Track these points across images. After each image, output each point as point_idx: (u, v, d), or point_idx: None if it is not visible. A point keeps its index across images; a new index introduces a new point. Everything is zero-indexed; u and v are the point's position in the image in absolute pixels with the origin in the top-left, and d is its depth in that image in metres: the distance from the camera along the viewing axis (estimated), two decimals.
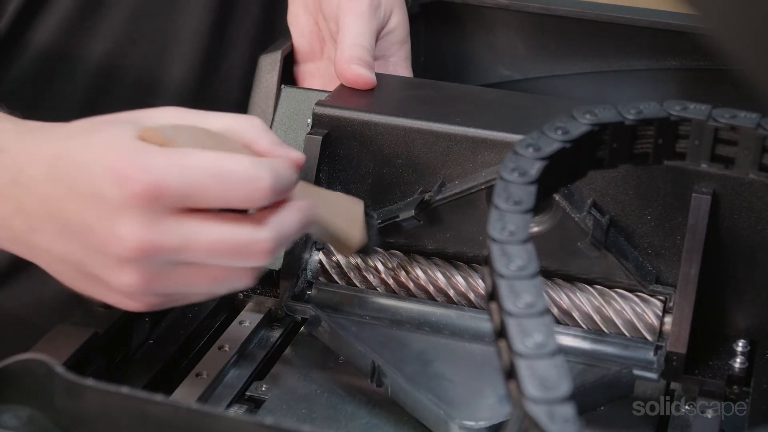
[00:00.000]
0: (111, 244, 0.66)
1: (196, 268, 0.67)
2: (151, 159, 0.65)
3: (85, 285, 0.70)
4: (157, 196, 0.65)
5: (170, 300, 0.70)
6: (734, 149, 0.69)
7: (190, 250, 0.66)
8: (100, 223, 0.66)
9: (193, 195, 0.65)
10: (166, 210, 0.65)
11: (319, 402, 0.77)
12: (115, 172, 0.65)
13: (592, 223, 0.78)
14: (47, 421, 0.59)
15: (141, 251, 0.65)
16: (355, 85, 0.88)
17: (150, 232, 0.65)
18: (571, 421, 0.51)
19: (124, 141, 0.66)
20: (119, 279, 0.67)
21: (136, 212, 0.65)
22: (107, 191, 0.65)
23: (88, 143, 0.67)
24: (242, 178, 0.66)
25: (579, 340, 0.80)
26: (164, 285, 0.68)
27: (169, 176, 0.65)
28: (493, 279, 0.58)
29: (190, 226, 0.66)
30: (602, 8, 1.02)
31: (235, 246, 0.66)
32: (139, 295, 0.68)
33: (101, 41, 0.97)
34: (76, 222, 0.66)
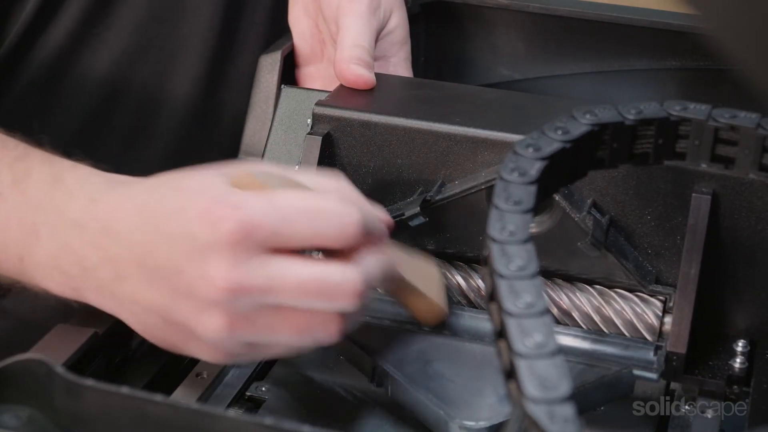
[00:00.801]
0: (200, 285, 0.65)
1: (283, 312, 0.66)
2: (241, 198, 0.65)
3: (169, 335, 0.69)
4: (248, 235, 0.64)
5: (253, 351, 0.68)
6: (734, 149, 0.69)
7: (278, 290, 0.65)
8: (189, 264, 0.65)
9: (283, 232, 0.65)
10: (256, 249, 0.64)
11: (319, 402, 0.77)
12: (206, 212, 0.65)
13: (592, 223, 0.78)
14: (47, 421, 0.59)
15: (230, 292, 0.64)
16: (354, 86, 0.88)
17: (239, 271, 0.64)
18: (571, 421, 0.51)
19: (215, 185, 0.66)
20: (205, 324, 0.66)
21: (226, 252, 0.64)
22: (198, 232, 0.65)
23: (178, 189, 0.67)
24: (332, 214, 0.66)
25: (579, 340, 0.80)
26: (249, 331, 0.66)
27: (260, 214, 0.64)
28: (493, 279, 0.58)
29: (279, 265, 0.65)
30: (602, 8, 1.02)
31: (324, 286, 0.65)
32: (224, 342, 0.66)
33: (108, 51, 0.97)
34: (164, 266, 0.66)
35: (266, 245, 0.65)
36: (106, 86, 0.98)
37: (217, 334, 0.66)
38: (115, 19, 0.97)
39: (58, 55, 0.96)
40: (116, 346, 0.77)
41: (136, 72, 0.99)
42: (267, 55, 0.96)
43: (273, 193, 0.66)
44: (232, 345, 0.67)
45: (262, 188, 0.67)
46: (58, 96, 0.97)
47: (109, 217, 0.68)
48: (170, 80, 1.01)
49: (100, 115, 0.99)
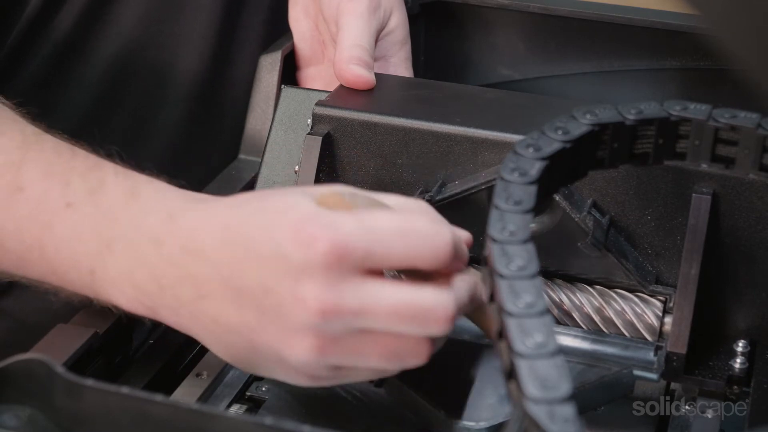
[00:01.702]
0: (291, 307, 0.63)
1: (373, 337, 0.64)
2: (334, 218, 0.63)
3: (252, 357, 0.67)
4: (343, 256, 0.62)
5: (340, 375, 0.66)
6: (734, 149, 0.69)
7: (371, 313, 0.63)
8: (280, 285, 0.63)
9: (377, 253, 0.63)
10: (350, 271, 0.63)
11: (319, 402, 0.76)
12: (298, 232, 0.63)
13: (592, 223, 0.78)
14: (47, 421, 0.59)
15: (322, 314, 0.63)
16: (354, 86, 0.88)
17: (333, 294, 0.63)
18: (571, 421, 0.51)
19: (304, 204, 0.65)
20: (294, 347, 0.64)
21: (319, 273, 0.62)
22: (290, 252, 0.63)
23: (264, 208, 0.66)
24: (425, 234, 0.65)
25: (579, 341, 0.80)
26: (338, 355, 0.64)
27: (354, 234, 0.63)
28: (494, 279, 0.58)
29: (372, 288, 0.63)
30: (602, 8, 1.02)
31: (417, 310, 0.64)
32: (312, 365, 0.65)
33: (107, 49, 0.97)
34: (252, 286, 0.64)
35: (360, 267, 0.63)
36: (104, 85, 0.98)
37: (306, 358, 0.64)
38: (114, 18, 0.97)
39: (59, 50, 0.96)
40: (116, 346, 0.77)
41: (137, 67, 0.99)
42: (267, 55, 0.96)
43: (365, 213, 0.65)
44: (319, 369, 0.65)
45: (350, 208, 0.66)
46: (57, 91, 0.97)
47: (189, 234, 0.67)
48: (171, 76, 1.01)
49: (98, 115, 0.99)
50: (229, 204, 0.68)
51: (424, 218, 0.66)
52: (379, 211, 0.66)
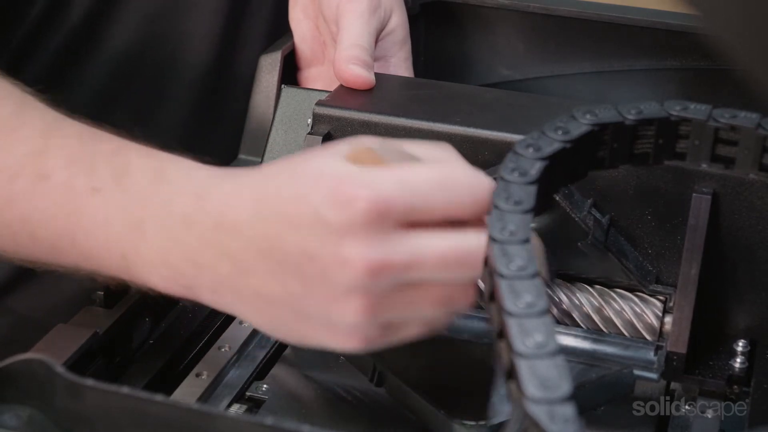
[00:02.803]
0: (336, 270, 0.62)
1: (421, 288, 0.64)
2: (372, 175, 0.63)
3: (299, 327, 0.66)
4: (384, 212, 0.61)
5: (391, 332, 0.65)
6: (734, 149, 0.69)
7: (419, 264, 0.62)
8: (322, 249, 0.62)
9: (419, 206, 0.62)
10: (392, 227, 0.62)
11: (319, 402, 0.77)
12: (335, 193, 0.62)
13: (593, 222, 0.78)
14: (47, 421, 0.59)
15: (369, 273, 0.62)
16: (353, 85, 0.88)
17: (378, 251, 0.62)
18: (572, 421, 0.51)
19: (337, 165, 0.64)
20: (343, 309, 0.63)
21: (362, 232, 0.61)
22: (329, 215, 0.62)
23: (295, 176, 0.65)
24: (465, 183, 0.64)
25: (579, 340, 0.80)
26: (389, 311, 0.64)
27: (394, 190, 0.62)
28: (494, 279, 0.58)
29: (417, 240, 0.62)
30: (602, 8, 1.02)
31: (464, 254, 0.63)
32: (362, 326, 0.64)
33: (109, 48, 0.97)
34: (293, 254, 0.63)
35: (402, 221, 0.62)
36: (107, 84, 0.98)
37: (356, 319, 0.63)
38: (119, 17, 0.97)
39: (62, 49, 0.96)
40: (116, 346, 0.77)
41: (137, 70, 0.99)
42: (267, 55, 0.96)
43: (402, 168, 0.64)
44: (371, 329, 0.64)
45: (383, 162, 0.64)
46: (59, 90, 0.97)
47: (221, 211, 0.66)
48: (173, 79, 1.01)
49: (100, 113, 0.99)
50: (259, 176, 0.67)
51: (460, 167, 0.65)
52: (416, 164, 0.64)
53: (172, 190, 0.68)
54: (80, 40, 0.96)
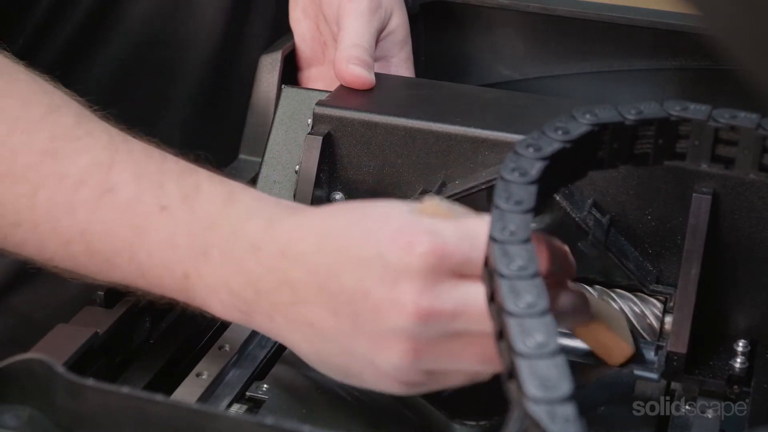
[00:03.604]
0: (388, 310, 0.63)
1: (468, 339, 0.64)
2: (434, 224, 0.64)
3: (344, 362, 0.66)
4: (442, 260, 0.62)
5: (433, 380, 0.66)
6: (734, 149, 0.69)
7: (467, 315, 0.63)
8: (378, 287, 0.63)
9: (475, 260, 0.63)
10: (447, 275, 0.63)
11: (319, 402, 0.77)
12: (399, 235, 0.63)
13: (593, 223, 0.78)
14: (47, 421, 0.59)
15: (419, 317, 0.62)
16: (353, 86, 0.88)
17: (430, 297, 0.62)
18: (572, 421, 0.51)
19: (404, 212, 0.65)
20: (389, 351, 0.64)
21: (417, 276, 0.62)
22: (390, 254, 0.63)
23: (364, 216, 0.66)
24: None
25: (579, 340, 0.80)
26: (433, 358, 0.64)
27: (453, 239, 0.63)
28: (494, 279, 0.58)
29: (468, 290, 0.63)
30: (602, 8, 1.02)
31: None
32: (405, 371, 0.64)
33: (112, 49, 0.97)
34: (349, 290, 0.64)
35: (457, 272, 0.63)
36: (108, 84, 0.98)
37: (399, 362, 0.64)
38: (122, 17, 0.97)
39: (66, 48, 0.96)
40: (116, 346, 0.77)
41: (139, 71, 0.99)
42: (267, 55, 0.96)
43: (464, 221, 0.65)
44: (413, 373, 0.65)
45: (448, 216, 0.66)
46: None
47: (289, 240, 0.66)
48: (174, 79, 1.01)
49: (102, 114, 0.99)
50: (330, 212, 0.68)
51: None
52: (478, 218, 0.65)
53: (242, 216, 0.68)
54: (83, 40, 0.96)
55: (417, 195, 0.82)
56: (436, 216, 0.65)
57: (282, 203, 0.70)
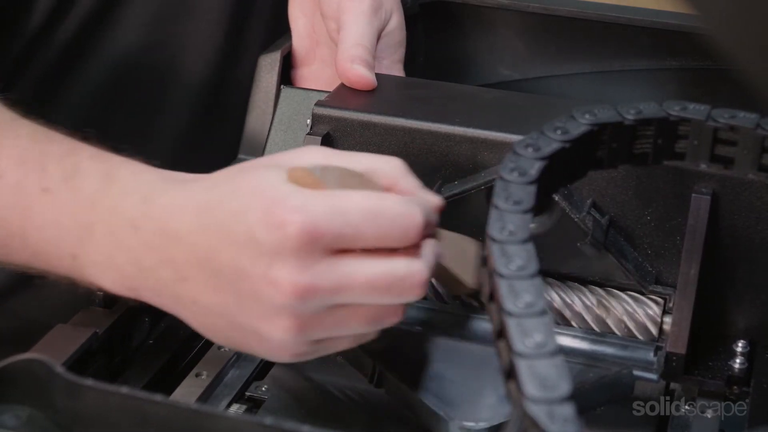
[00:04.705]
0: (265, 290, 0.64)
1: (350, 309, 0.66)
2: (305, 201, 0.64)
3: (234, 336, 0.68)
4: (313, 238, 0.63)
5: (321, 347, 0.68)
6: (733, 149, 0.69)
7: (346, 290, 0.65)
8: (254, 268, 0.64)
9: (348, 235, 0.64)
10: (321, 252, 0.64)
11: (319, 402, 0.77)
12: (269, 215, 0.64)
13: (592, 223, 0.78)
14: (47, 421, 0.59)
15: (297, 295, 0.64)
16: (356, 86, 0.88)
17: (306, 275, 0.64)
18: (571, 421, 0.51)
19: (275, 184, 0.65)
20: (274, 327, 0.65)
21: (291, 256, 0.63)
22: (261, 236, 0.64)
23: (237, 190, 0.66)
24: (396, 215, 0.65)
25: (579, 341, 0.80)
26: (317, 330, 0.66)
27: (325, 217, 0.64)
28: (493, 279, 0.58)
29: (345, 266, 0.65)
30: (602, 8, 1.02)
31: (391, 281, 0.65)
32: (292, 343, 0.66)
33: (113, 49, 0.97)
34: (228, 269, 0.65)
35: (331, 248, 0.64)
36: (107, 87, 0.98)
37: (285, 337, 0.65)
38: (124, 15, 0.97)
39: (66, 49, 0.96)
40: (115, 346, 0.77)
41: (141, 69, 0.99)
42: (266, 55, 0.96)
43: (335, 195, 0.65)
44: (300, 345, 0.67)
45: (319, 184, 0.66)
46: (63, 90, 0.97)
47: (165, 217, 0.67)
48: (176, 78, 1.01)
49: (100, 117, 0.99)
50: (204, 185, 0.69)
51: (395, 199, 0.67)
52: (350, 192, 0.66)
53: (120, 193, 0.69)
54: (81, 44, 0.96)
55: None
56: (306, 184, 0.66)
57: (164, 176, 0.70)
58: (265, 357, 0.70)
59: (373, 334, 0.69)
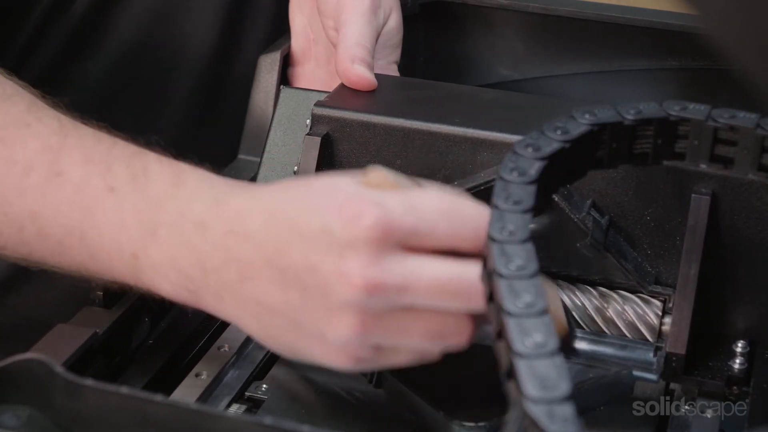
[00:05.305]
0: (335, 283, 0.63)
1: (416, 314, 0.65)
2: (380, 196, 0.64)
3: (294, 338, 0.67)
4: (388, 232, 0.63)
5: (381, 356, 0.66)
6: (733, 149, 0.69)
7: (414, 288, 0.63)
8: (325, 261, 0.64)
9: (422, 232, 0.64)
10: (394, 247, 0.63)
11: (319, 402, 0.77)
12: (344, 208, 0.63)
13: (592, 223, 0.78)
14: (47, 421, 0.59)
15: (366, 289, 0.63)
16: (356, 86, 0.87)
17: (376, 269, 0.63)
18: (571, 421, 0.51)
19: (349, 184, 0.65)
20: (337, 324, 0.64)
21: (364, 248, 0.63)
22: (336, 228, 0.63)
23: (309, 191, 0.66)
24: (470, 215, 0.65)
25: (578, 341, 0.80)
26: (380, 333, 0.65)
27: (400, 211, 0.63)
28: (493, 279, 0.58)
29: (415, 263, 0.64)
30: (602, 8, 1.03)
31: (459, 283, 0.64)
32: (353, 345, 0.65)
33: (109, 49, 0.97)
34: (297, 264, 0.64)
35: (404, 244, 0.64)
36: (106, 84, 0.98)
37: (348, 335, 0.64)
38: (121, 14, 0.97)
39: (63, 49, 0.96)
40: (115, 346, 0.77)
41: (139, 67, 0.99)
42: (266, 55, 0.96)
43: (411, 192, 0.65)
44: (361, 348, 0.65)
45: (395, 187, 0.66)
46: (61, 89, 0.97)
47: (235, 218, 0.67)
48: (173, 77, 1.01)
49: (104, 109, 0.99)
50: (276, 188, 0.68)
51: (467, 201, 0.66)
52: (425, 191, 0.66)
53: (189, 195, 0.68)
54: (81, 40, 0.96)
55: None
56: (381, 188, 0.66)
57: (230, 182, 0.70)
58: (324, 362, 0.67)
59: (436, 354, 0.67)
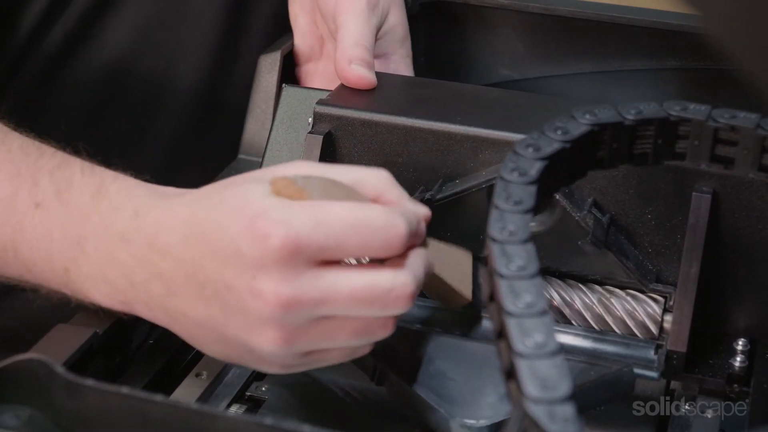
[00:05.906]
0: (251, 302, 0.65)
1: (336, 321, 0.66)
2: (287, 213, 0.65)
3: (224, 348, 0.69)
4: (296, 250, 0.64)
5: (310, 360, 0.68)
6: (734, 149, 0.69)
7: (331, 301, 0.65)
8: (238, 281, 0.65)
9: (331, 247, 0.65)
10: (304, 264, 0.64)
11: (319, 402, 0.77)
12: (252, 228, 0.64)
13: (593, 222, 0.78)
14: (47, 421, 0.59)
15: (281, 307, 0.64)
16: (355, 86, 0.88)
17: (290, 286, 0.64)
18: (571, 421, 0.51)
19: (259, 197, 0.66)
20: (260, 339, 0.66)
21: (274, 268, 0.64)
22: (245, 249, 0.64)
23: (221, 203, 0.67)
24: (379, 226, 0.66)
25: (579, 340, 0.80)
26: (305, 342, 0.66)
27: (307, 229, 0.64)
28: (493, 279, 0.58)
29: (329, 278, 0.65)
30: (602, 8, 1.03)
31: (376, 293, 0.65)
32: (281, 355, 0.67)
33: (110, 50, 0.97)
34: (214, 282, 0.66)
35: (315, 259, 0.65)
36: (106, 85, 0.98)
37: (272, 348, 0.66)
38: (117, 19, 0.97)
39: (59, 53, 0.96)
40: (116, 346, 0.77)
41: (136, 72, 0.99)
42: (266, 55, 0.96)
43: (317, 206, 0.66)
44: (289, 357, 0.67)
45: (302, 194, 0.67)
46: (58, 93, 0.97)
47: (154, 231, 0.68)
48: (171, 81, 1.01)
49: (101, 113, 0.99)
50: (191, 199, 0.69)
51: (378, 210, 0.67)
52: (332, 204, 0.66)
53: (111, 208, 0.70)
54: (76, 46, 0.96)
55: (417, 194, 0.82)
56: (289, 195, 0.66)
57: (153, 190, 0.71)
58: (259, 369, 0.70)
59: (366, 347, 0.70)
